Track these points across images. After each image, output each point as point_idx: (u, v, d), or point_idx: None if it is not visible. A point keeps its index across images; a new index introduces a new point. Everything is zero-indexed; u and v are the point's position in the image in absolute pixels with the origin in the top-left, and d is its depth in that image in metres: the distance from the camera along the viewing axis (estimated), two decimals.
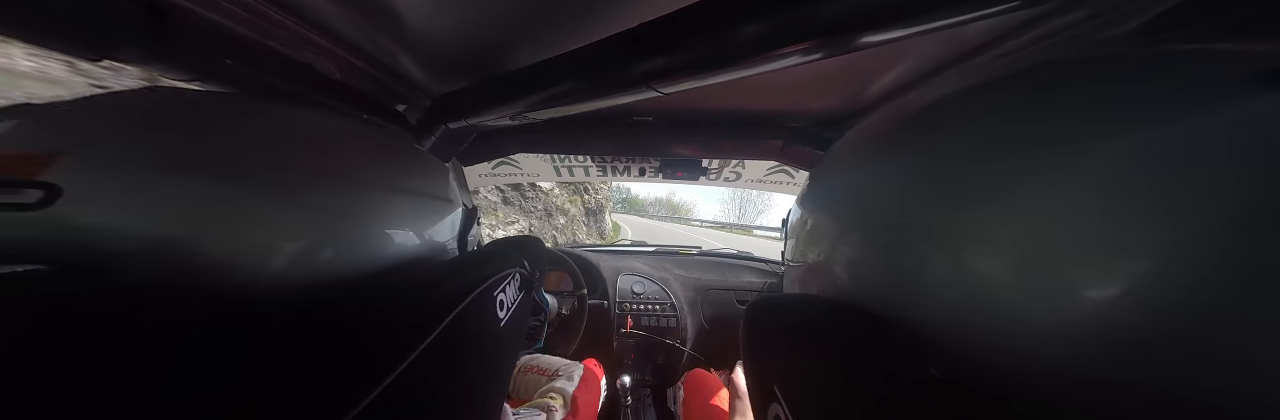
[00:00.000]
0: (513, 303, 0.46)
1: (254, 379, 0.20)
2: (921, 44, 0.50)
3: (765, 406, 0.27)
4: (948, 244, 0.22)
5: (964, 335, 0.21)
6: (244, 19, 0.43)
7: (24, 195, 0.23)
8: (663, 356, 1.30)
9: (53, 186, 0.24)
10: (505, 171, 1.43)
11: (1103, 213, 0.17)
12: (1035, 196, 0.19)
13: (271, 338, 0.23)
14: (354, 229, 0.35)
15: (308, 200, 0.32)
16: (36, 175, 0.24)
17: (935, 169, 0.24)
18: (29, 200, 0.23)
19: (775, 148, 0.89)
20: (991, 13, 0.26)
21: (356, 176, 0.37)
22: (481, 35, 0.52)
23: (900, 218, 0.25)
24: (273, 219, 0.30)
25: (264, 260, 0.29)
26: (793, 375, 0.26)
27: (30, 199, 0.23)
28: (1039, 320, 0.18)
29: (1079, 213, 0.17)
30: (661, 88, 0.41)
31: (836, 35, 0.30)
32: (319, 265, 0.32)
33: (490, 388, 0.42)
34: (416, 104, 0.73)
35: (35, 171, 0.24)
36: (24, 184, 0.23)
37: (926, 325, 0.23)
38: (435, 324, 0.31)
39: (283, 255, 0.30)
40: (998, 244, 0.20)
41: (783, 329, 0.30)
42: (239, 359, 0.21)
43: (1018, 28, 0.43)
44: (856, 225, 0.29)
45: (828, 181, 0.37)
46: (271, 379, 0.21)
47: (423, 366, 0.27)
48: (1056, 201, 0.18)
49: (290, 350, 0.23)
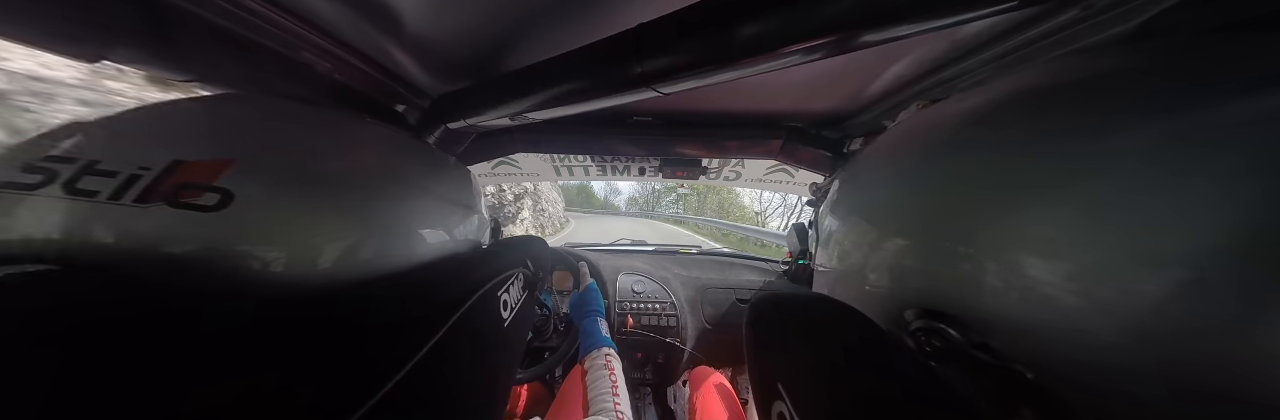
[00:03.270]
0: (516, 303, 0.46)
1: (257, 378, 0.20)
2: (921, 44, 0.51)
3: (769, 403, 0.27)
4: (999, 247, 0.22)
5: (1019, 336, 0.22)
6: (242, 19, 0.43)
7: (205, 198, 0.25)
8: (663, 356, 1.30)
9: (227, 191, 0.26)
10: (505, 171, 1.43)
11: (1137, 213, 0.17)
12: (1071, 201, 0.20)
13: (273, 338, 0.23)
14: (381, 233, 0.35)
15: (341, 204, 0.32)
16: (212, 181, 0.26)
17: (979, 174, 0.25)
18: (208, 203, 0.25)
19: (775, 147, 0.89)
20: (990, 12, 0.26)
21: (389, 180, 0.37)
22: (481, 35, 0.52)
23: (948, 223, 0.26)
24: (292, 221, 0.30)
25: (279, 261, 0.29)
26: (797, 372, 0.26)
27: (210, 202, 0.25)
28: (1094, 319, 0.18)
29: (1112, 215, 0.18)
30: (661, 88, 0.41)
31: (836, 34, 0.30)
32: (340, 268, 0.32)
33: (493, 389, 0.42)
34: (415, 104, 0.73)
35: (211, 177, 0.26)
36: (206, 187, 0.26)
37: (978, 325, 0.23)
38: (440, 324, 0.31)
39: (309, 258, 0.30)
40: (1049, 246, 0.20)
41: (787, 326, 0.31)
42: (242, 360, 0.21)
43: (1016, 27, 0.43)
44: (900, 231, 0.30)
45: (863, 189, 0.38)
46: (276, 379, 0.21)
47: (428, 366, 0.27)
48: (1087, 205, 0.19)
49: (293, 351, 0.23)
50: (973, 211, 0.24)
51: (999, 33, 0.45)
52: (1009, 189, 0.22)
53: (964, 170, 0.26)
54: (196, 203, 0.25)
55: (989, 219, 0.23)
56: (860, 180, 0.38)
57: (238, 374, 0.20)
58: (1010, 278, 0.21)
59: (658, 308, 1.31)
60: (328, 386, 0.22)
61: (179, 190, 0.25)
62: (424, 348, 0.28)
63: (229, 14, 0.42)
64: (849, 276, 0.36)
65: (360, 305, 0.28)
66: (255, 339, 0.22)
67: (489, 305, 0.39)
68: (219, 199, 0.26)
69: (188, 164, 0.26)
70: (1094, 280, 0.18)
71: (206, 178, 0.26)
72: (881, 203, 0.34)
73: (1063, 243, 0.19)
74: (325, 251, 0.31)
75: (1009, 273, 0.22)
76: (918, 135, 0.34)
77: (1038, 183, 0.21)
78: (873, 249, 0.32)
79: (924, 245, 0.27)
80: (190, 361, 0.20)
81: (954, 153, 0.27)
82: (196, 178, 0.26)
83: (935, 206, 0.27)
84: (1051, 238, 0.20)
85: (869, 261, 0.32)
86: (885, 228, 0.32)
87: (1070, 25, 0.40)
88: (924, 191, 0.28)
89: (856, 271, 0.34)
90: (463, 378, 0.34)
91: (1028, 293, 0.21)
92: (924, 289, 0.27)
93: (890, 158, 0.35)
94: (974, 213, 0.24)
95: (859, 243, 0.35)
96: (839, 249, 0.38)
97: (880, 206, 0.34)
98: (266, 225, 0.28)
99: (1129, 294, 0.17)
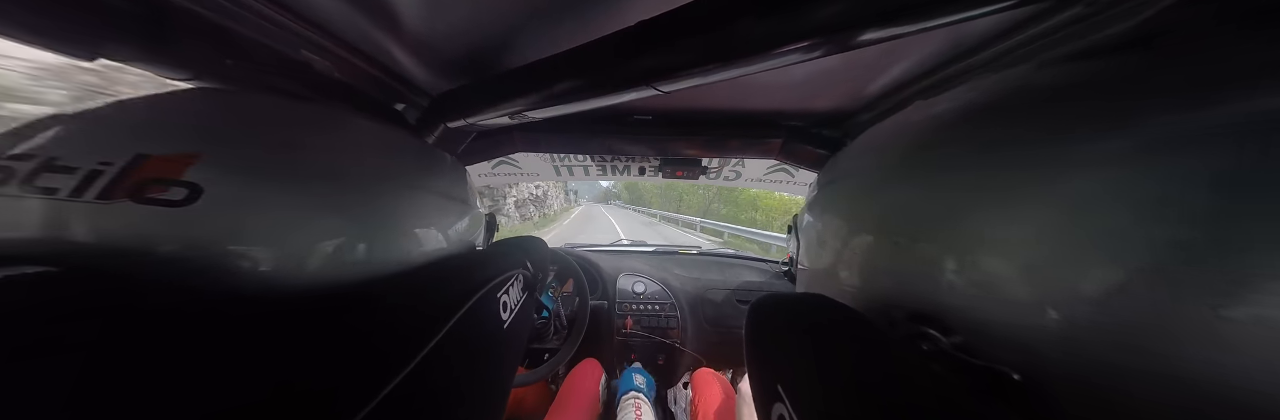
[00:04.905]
0: (516, 304, 0.46)
1: (260, 380, 0.20)
2: (921, 42, 0.50)
3: (769, 405, 0.27)
4: (973, 247, 0.23)
5: (990, 334, 0.22)
6: (240, 17, 0.43)
7: (171, 193, 0.25)
8: (663, 357, 1.30)
9: (195, 185, 0.25)
10: (505, 171, 1.43)
11: (1112, 211, 0.17)
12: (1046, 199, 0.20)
13: (279, 340, 0.23)
14: (372, 230, 0.34)
15: (329, 201, 0.31)
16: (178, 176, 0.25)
17: (957, 172, 0.25)
18: (175, 198, 0.25)
19: (775, 147, 0.89)
20: (991, 11, 0.26)
21: (374, 176, 0.36)
22: (480, 33, 0.52)
23: (922, 221, 0.26)
24: (293, 220, 0.29)
25: (278, 263, 0.28)
26: (797, 374, 0.26)
27: (177, 197, 0.25)
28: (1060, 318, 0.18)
29: (1092, 212, 0.18)
30: (661, 86, 0.40)
31: (836, 33, 0.30)
32: (333, 266, 0.31)
33: (493, 390, 0.42)
34: (415, 103, 0.72)
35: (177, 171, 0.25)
36: (172, 182, 0.25)
37: (961, 326, 0.24)
38: (440, 326, 0.31)
39: (295, 259, 0.29)
40: (1019, 244, 0.20)
41: (788, 327, 0.30)
42: (245, 361, 0.21)
43: (1017, 26, 0.43)
44: (876, 229, 0.30)
45: (840, 186, 0.38)
46: (279, 380, 0.21)
47: (428, 368, 0.27)
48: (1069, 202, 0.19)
49: (297, 353, 0.23)
50: (949, 211, 0.24)
51: (1000, 32, 0.45)
52: (984, 189, 0.23)
53: (942, 170, 0.26)
54: (163, 198, 0.24)
55: (965, 219, 0.23)
56: (838, 180, 0.39)
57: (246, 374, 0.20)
58: (986, 278, 0.22)
59: (658, 309, 1.31)
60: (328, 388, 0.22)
61: (143, 186, 0.24)
62: (424, 349, 0.28)
63: (227, 12, 0.42)
64: (827, 276, 0.36)
65: (360, 305, 0.28)
66: (259, 340, 0.22)
67: (489, 306, 0.39)
68: (187, 194, 0.25)
69: (151, 158, 0.25)
70: (1067, 279, 0.18)
71: (172, 172, 0.25)
72: (858, 203, 0.34)
73: (1036, 243, 0.20)
74: (317, 249, 0.30)
75: (985, 272, 0.22)
76: (896, 136, 0.34)
77: (1012, 184, 0.21)
78: (850, 248, 0.33)
79: (904, 245, 0.27)
80: (203, 361, 0.20)
81: (933, 153, 0.28)
82: (161, 173, 0.25)
83: (913, 206, 0.27)
84: (1024, 238, 0.20)
85: (846, 261, 0.33)
86: (863, 227, 0.32)
87: (1071, 24, 0.39)
88: (901, 191, 0.29)
89: (833, 271, 0.34)
90: (463, 379, 0.34)
91: (1005, 292, 0.21)
92: (905, 289, 0.27)
93: (869, 158, 0.36)
94: (951, 213, 0.24)
95: (837, 242, 0.35)
96: (818, 249, 0.38)
97: (857, 206, 0.34)
98: (246, 220, 0.27)
99: (1108, 293, 0.17)
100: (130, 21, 0.38)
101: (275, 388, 0.20)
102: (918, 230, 0.26)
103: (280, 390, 0.20)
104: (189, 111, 0.31)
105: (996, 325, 0.22)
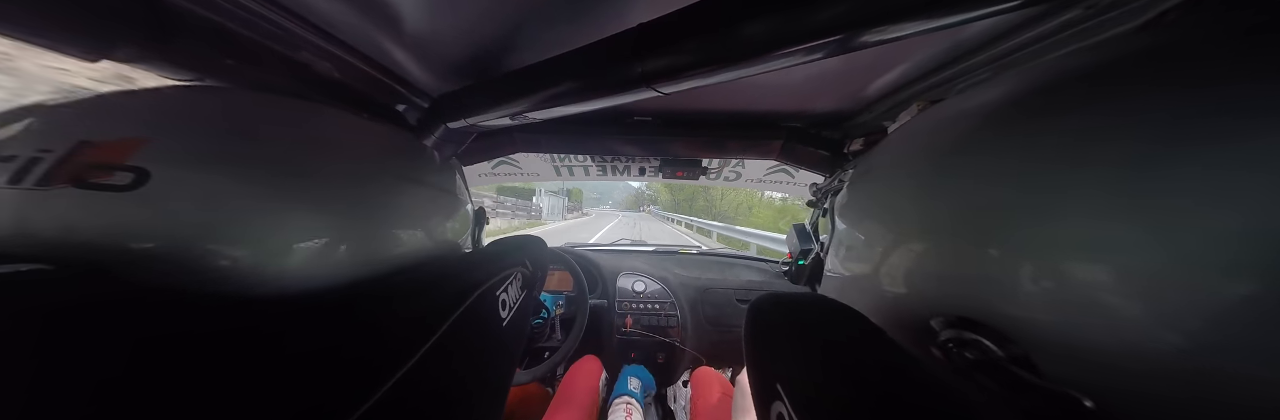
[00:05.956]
0: (515, 302, 0.46)
1: (258, 379, 0.20)
2: (921, 44, 0.50)
3: (768, 404, 0.27)
4: (1039, 248, 0.21)
5: (1063, 351, 0.20)
6: (242, 19, 0.43)
7: (116, 178, 0.24)
8: (663, 355, 1.30)
9: (142, 170, 0.24)
10: (505, 171, 1.43)
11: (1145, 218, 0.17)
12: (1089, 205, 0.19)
13: (276, 338, 0.23)
14: (366, 230, 0.34)
15: (322, 200, 0.31)
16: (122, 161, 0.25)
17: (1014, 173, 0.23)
18: (120, 182, 0.24)
19: (775, 147, 0.89)
20: (992, 12, 0.26)
21: (370, 175, 0.36)
22: (481, 35, 0.52)
23: (995, 222, 0.24)
24: (287, 220, 0.29)
25: (274, 260, 0.28)
26: (796, 373, 0.26)
27: (122, 181, 0.24)
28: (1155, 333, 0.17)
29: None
30: (662, 88, 0.40)
31: (837, 34, 0.30)
32: (329, 265, 0.31)
33: (492, 387, 0.42)
34: (416, 104, 0.73)
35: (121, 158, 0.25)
36: (117, 167, 0.24)
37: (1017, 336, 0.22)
38: (439, 324, 0.31)
39: (294, 255, 0.29)
40: (1128, 249, 0.18)
41: (786, 326, 0.30)
42: (245, 359, 0.21)
43: (1017, 27, 0.43)
44: (932, 230, 0.28)
45: (879, 190, 0.36)
46: (276, 379, 0.21)
47: (427, 366, 0.27)
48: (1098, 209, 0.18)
49: (295, 351, 0.23)
50: (1008, 211, 0.22)
51: (1000, 33, 0.45)
52: (1047, 189, 0.21)
53: (997, 169, 0.24)
54: (106, 183, 0.24)
55: (1028, 219, 0.21)
56: (874, 181, 0.37)
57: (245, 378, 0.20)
58: (1075, 286, 0.19)
59: (658, 308, 1.31)
60: (326, 387, 0.22)
61: (85, 171, 0.24)
62: (424, 346, 0.28)
63: (229, 13, 0.42)
64: (865, 281, 0.34)
65: (359, 303, 0.28)
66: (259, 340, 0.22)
67: (488, 304, 0.39)
68: (133, 178, 0.24)
69: (93, 144, 0.25)
70: (1155, 287, 0.16)
71: (116, 157, 0.24)
72: (901, 204, 0.32)
73: (1116, 244, 0.17)
74: (305, 244, 0.29)
75: (1076, 280, 0.19)
76: (935, 134, 0.32)
77: (1081, 181, 0.19)
78: (892, 253, 0.31)
79: (951, 247, 0.26)
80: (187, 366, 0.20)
81: (982, 151, 0.26)
82: (104, 158, 0.24)
83: (965, 207, 0.25)
84: (1137, 242, 0.17)
85: (888, 266, 0.31)
86: (906, 230, 0.30)
87: (1072, 25, 0.39)
88: (951, 192, 0.27)
89: (873, 276, 0.33)
90: (462, 376, 0.34)
91: (1099, 305, 0.18)
92: (953, 294, 0.25)
93: (907, 157, 0.34)
94: (1010, 213, 0.22)
95: (876, 246, 0.33)
96: (852, 253, 0.36)
97: (900, 208, 0.32)
98: (217, 212, 0.26)
99: (1200, 304, 0.15)
100: (133, 23, 0.38)
101: (269, 390, 0.20)
102: (971, 231, 0.24)
103: (275, 392, 0.20)
104: (145, 103, 0.31)
105: (1075, 341, 0.19)
